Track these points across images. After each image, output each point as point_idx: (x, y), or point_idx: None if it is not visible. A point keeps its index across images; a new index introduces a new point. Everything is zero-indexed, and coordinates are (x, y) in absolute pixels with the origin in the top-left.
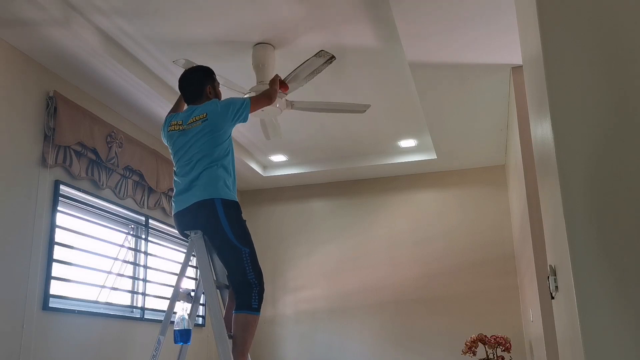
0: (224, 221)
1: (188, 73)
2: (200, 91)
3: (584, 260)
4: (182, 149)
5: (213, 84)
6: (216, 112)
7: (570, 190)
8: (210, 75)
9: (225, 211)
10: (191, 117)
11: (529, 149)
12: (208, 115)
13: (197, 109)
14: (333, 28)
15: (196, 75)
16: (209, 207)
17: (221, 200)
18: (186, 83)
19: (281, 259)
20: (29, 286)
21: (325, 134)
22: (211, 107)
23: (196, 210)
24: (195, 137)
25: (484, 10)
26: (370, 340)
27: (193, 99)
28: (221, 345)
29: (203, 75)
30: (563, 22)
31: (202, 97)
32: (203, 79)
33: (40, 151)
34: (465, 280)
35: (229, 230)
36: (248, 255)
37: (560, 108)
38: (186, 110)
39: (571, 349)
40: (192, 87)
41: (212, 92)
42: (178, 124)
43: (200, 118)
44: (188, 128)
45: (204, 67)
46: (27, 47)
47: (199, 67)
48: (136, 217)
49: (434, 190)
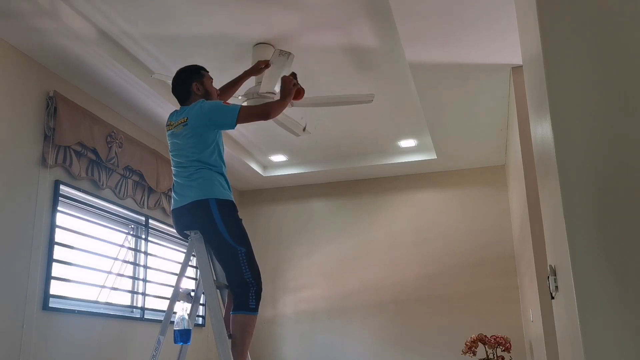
0: (219, 221)
1: (176, 74)
2: (186, 91)
3: (584, 260)
4: (175, 149)
5: (201, 80)
6: (196, 116)
7: (570, 190)
8: (196, 72)
9: (220, 211)
10: (179, 118)
11: (529, 149)
12: (188, 120)
13: (185, 110)
14: (333, 28)
15: (181, 76)
16: (203, 208)
17: (215, 200)
18: (174, 85)
19: (281, 259)
20: (29, 286)
21: (325, 134)
22: (193, 111)
23: (192, 210)
24: (182, 140)
25: (484, 11)
26: (370, 340)
27: (182, 99)
28: (221, 345)
29: (189, 75)
30: (563, 22)
31: (189, 96)
32: (188, 77)
33: (40, 151)
34: (465, 280)
35: (224, 230)
36: (244, 254)
37: (560, 108)
38: (177, 112)
39: (571, 349)
40: (178, 88)
41: (201, 88)
42: (170, 124)
43: (181, 122)
44: (176, 130)
45: (190, 66)
46: (28, 47)
47: (185, 67)
48: (136, 217)
49: (434, 190)
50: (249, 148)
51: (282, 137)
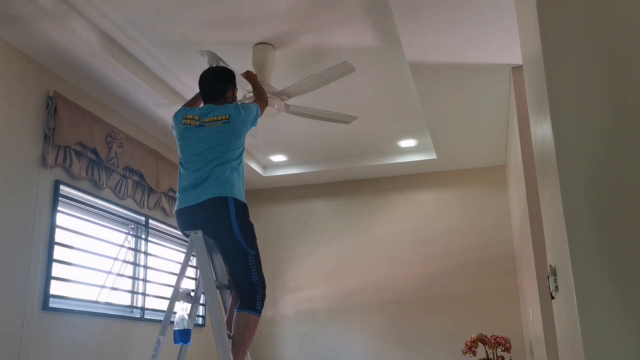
0: (235, 221)
1: (213, 73)
2: (222, 93)
3: (584, 260)
4: (195, 142)
5: (234, 89)
6: (239, 117)
7: (570, 190)
8: (233, 80)
9: (237, 211)
10: (210, 115)
11: (529, 149)
12: (231, 118)
13: (218, 109)
14: (333, 28)
15: (221, 77)
16: (222, 205)
17: (234, 200)
18: (210, 83)
19: (281, 259)
20: (29, 286)
21: (325, 134)
22: (234, 111)
23: (208, 207)
24: (212, 136)
25: (484, 10)
26: (370, 340)
27: (212, 99)
28: (221, 345)
29: (228, 79)
30: (563, 22)
31: (221, 99)
32: (227, 82)
33: (40, 151)
34: (465, 280)
35: (238, 231)
36: (254, 257)
37: (560, 108)
38: (204, 108)
39: (571, 349)
40: (215, 88)
41: (232, 96)
42: (195, 118)
43: (221, 119)
44: (207, 125)
45: (229, 70)
46: (27, 47)
47: (224, 69)
48: (136, 217)
49: (434, 190)
50: (249, 148)
51: (282, 137)
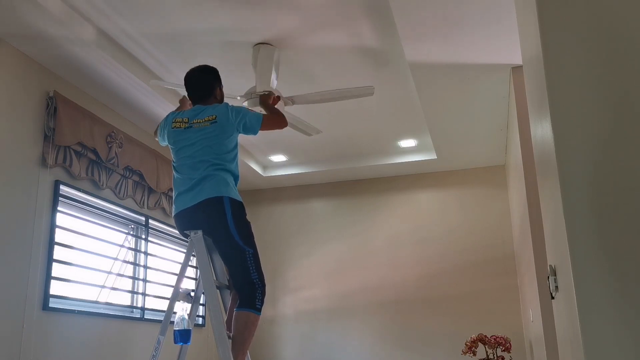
0: (231, 220)
1: (198, 72)
2: (209, 92)
3: (584, 260)
4: (186, 145)
5: (221, 85)
6: (226, 117)
7: (570, 190)
8: (219, 77)
9: (233, 211)
10: (199, 116)
11: (529, 149)
12: (218, 118)
13: (207, 109)
14: (333, 28)
15: (208, 77)
16: (217, 205)
17: (229, 199)
18: (197, 80)
19: (281, 259)
20: (29, 286)
21: (325, 134)
22: (222, 111)
23: (204, 208)
24: (202, 137)
25: (484, 11)
26: (370, 340)
27: (201, 99)
28: (221, 345)
29: (216, 77)
30: (563, 22)
31: (210, 97)
32: (215, 80)
33: (40, 151)
34: (465, 280)
35: (235, 230)
36: (252, 256)
37: (560, 108)
38: (193, 109)
39: (571, 349)
40: (203, 87)
41: (219, 94)
42: (183, 120)
43: (209, 119)
44: (197, 126)
45: (214, 68)
46: (28, 48)
47: (209, 68)
48: (136, 217)
49: (434, 191)
50: (249, 148)
51: (282, 137)
